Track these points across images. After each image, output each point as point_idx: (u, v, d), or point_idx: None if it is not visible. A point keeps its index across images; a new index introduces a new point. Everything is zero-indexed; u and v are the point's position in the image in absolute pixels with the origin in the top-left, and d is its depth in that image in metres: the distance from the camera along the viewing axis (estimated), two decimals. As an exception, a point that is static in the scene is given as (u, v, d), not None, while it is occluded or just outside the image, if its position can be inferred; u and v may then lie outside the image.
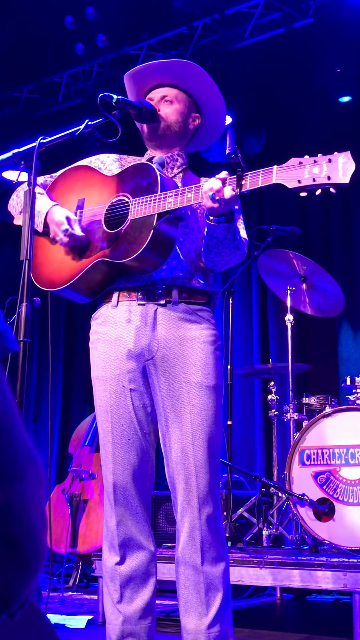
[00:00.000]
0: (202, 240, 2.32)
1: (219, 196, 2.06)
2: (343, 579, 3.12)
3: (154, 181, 2.20)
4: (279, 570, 3.30)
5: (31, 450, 0.74)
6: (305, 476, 3.74)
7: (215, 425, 2.22)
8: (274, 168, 2.00)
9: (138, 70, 2.44)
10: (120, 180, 2.32)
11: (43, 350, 7.12)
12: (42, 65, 5.85)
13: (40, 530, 0.73)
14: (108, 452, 2.26)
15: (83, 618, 3.62)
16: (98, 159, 2.48)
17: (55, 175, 2.51)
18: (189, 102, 2.45)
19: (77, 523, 4.82)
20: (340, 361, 5.67)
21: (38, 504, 0.74)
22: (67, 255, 2.34)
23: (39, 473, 0.74)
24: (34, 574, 0.73)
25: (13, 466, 0.71)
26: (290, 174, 1.97)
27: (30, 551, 0.71)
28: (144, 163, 2.30)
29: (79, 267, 2.30)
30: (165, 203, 2.14)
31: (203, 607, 2.14)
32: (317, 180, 1.95)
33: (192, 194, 2.12)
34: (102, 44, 5.40)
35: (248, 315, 6.21)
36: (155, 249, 2.18)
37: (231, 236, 2.20)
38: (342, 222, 5.90)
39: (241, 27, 5.26)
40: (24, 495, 0.71)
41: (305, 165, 1.97)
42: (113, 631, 2.23)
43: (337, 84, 5.18)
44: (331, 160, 1.95)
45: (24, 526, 0.71)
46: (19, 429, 0.72)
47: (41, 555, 0.73)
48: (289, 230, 4.21)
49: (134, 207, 2.21)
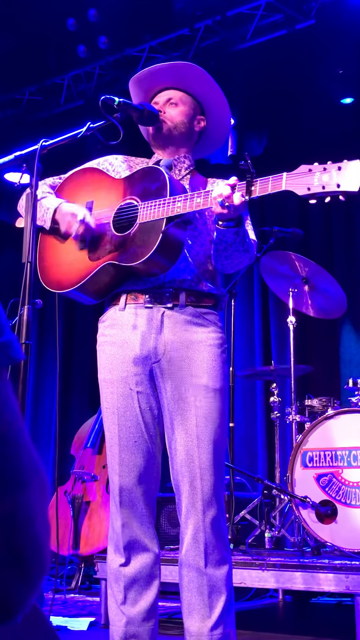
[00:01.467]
0: (210, 243, 2.33)
1: (229, 202, 2.06)
2: (345, 582, 3.11)
3: (163, 185, 2.20)
4: (281, 573, 3.30)
5: (36, 460, 0.74)
6: (308, 478, 3.74)
7: (220, 428, 2.23)
8: (284, 175, 2.00)
9: (143, 75, 2.45)
10: (129, 184, 2.32)
11: (42, 352, 7.11)
12: (44, 67, 5.86)
13: (44, 540, 0.73)
14: (114, 454, 2.26)
15: (85, 620, 3.61)
16: (106, 161, 2.49)
17: (64, 177, 2.52)
18: (194, 104, 2.46)
19: (79, 525, 4.82)
20: (343, 363, 5.67)
21: (42, 514, 0.73)
22: (75, 257, 2.35)
23: (44, 483, 0.74)
24: (37, 584, 0.73)
25: (18, 476, 0.70)
26: (300, 181, 1.98)
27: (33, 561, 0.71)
28: (153, 167, 2.30)
29: (87, 270, 2.30)
30: (175, 207, 2.15)
31: (206, 609, 2.14)
32: (327, 188, 1.95)
33: (201, 199, 2.13)
34: (104, 46, 5.41)
35: (250, 316, 6.21)
36: (163, 253, 2.18)
37: (240, 240, 2.21)
38: (344, 223, 5.89)
39: (243, 29, 5.27)
40: (28, 505, 0.71)
41: (315, 172, 1.97)
42: (116, 632, 2.23)
43: (339, 85, 5.19)
44: (341, 168, 1.95)
45: (28, 536, 0.71)
46: (24, 439, 0.72)
47: (45, 566, 0.73)
48: (291, 232, 4.21)
49: (142, 210, 2.21)
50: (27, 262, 2.03)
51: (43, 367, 7.08)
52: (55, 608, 4.00)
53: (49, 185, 2.49)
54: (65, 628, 3.49)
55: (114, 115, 2.23)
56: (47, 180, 2.49)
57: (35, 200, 2.10)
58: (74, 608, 4.11)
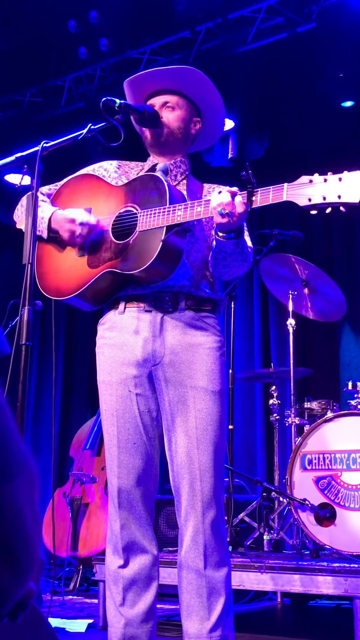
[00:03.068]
0: (207, 250, 2.33)
1: (229, 209, 2.06)
2: (344, 584, 3.11)
3: (162, 193, 2.20)
4: (279, 575, 3.29)
5: (24, 452, 0.74)
6: (307, 481, 3.74)
7: (220, 430, 2.23)
8: (285, 186, 2.01)
9: (138, 77, 2.44)
10: (128, 191, 2.32)
11: (43, 353, 7.11)
12: (45, 68, 5.86)
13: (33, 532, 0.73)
14: (113, 456, 2.26)
15: (83, 622, 3.61)
16: (101, 167, 2.48)
17: (60, 184, 2.51)
18: (190, 107, 2.46)
19: (77, 527, 4.82)
20: (342, 366, 5.67)
21: (31, 506, 0.74)
22: (74, 264, 2.34)
23: (32, 475, 0.75)
24: (26, 575, 0.73)
25: (5, 467, 0.71)
26: (301, 192, 1.98)
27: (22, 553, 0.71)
28: (152, 174, 2.29)
29: (87, 277, 2.30)
30: (175, 216, 2.15)
31: (205, 611, 2.14)
32: (328, 199, 1.95)
33: (201, 208, 2.13)
34: (105, 48, 5.41)
35: (250, 319, 6.21)
36: (164, 261, 2.18)
37: (239, 250, 2.21)
38: (344, 226, 5.90)
39: (244, 32, 5.28)
40: (16, 497, 0.71)
41: (316, 183, 1.98)
42: (115, 634, 2.23)
43: (339, 88, 5.18)
44: (341, 179, 1.95)
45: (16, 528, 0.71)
46: (11, 431, 0.73)
47: (34, 557, 0.73)
48: (291, 235, 4.21)
49: (142, 218, 2.21)
50: (27, 263, 2.03)
51: (44, 369, 7.08)
52: (54, 610, 4.00)
53: (44, 194, 2.47)
54: (63, 630, 3.48)
55: (114, 117, 2.23)
56: (42, 188, 2.48)
57: (37, 201, 2.10)
58: (72, 610, 4.11)
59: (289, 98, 5.46)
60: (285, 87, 5.38)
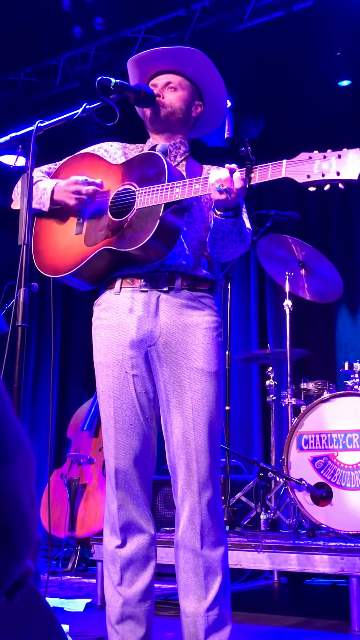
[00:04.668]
0: (205, 231, 2.32)
1: (227, 185, 2.05)
2: (340, 563, 3.14)
3: (162, 171, 2.19)
4: (276, 554, 3.32)
5: (21, 433, 0.74)
6: (303, 461, 3.76)
7: (216, 411, 2.23)
8: (284, 162, 2.00)
9: (142, 56, 2.42)
10: (126, 169, 2.31)
11: (41, 335, 7.12)
12: (39, 48, 5.80)
13: (30, 513, 0.73)
14: (110, 437, 2.27)
15: (82, 602, 3.64)
16: (102, 148, 2.47)
17: (59, 164, 2.50)
18: (193, 89, 2.44)
19: (75, 507, 4.85)
20: (338, 346, 5.68)
21: (28, 488, 0.74)
22: (71, 242, 2.34)
23: (29, 456, 0.75)
24: (24, 556, 0.73)
25: (2, 449, 0.71)
26: (300, 169, 1.97)
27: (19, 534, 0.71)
28: (151, 153, 2.28)
29: (83, 255, 2.30)
30: (173, 194, 2.14)
31: (202, 590, 2.16)
32: (326, 176, 1.94)
33: (200, 185, 2.12)
34: (99, 27, 5.35)
35: (246, 300, 6.21)
36: (161, 239, 2.17)
37: (238, 230, 2.20)
38: (341, 207, 5.88)
39: (240, 10, 5.22)
40: (13, 478, 0.71)
41: (315, 160, 1.96)
42: (112, 613, 2.24)
43: (336, 67, 5.15)
44: (340, 156, 1.94)
45: (13, 509, 0.71)
46: (8, 413, 0.72)
47: (31, 538, 0.74)
48: (287, 216, 4.20)
49: (140, 196, 2.20)
50: (23, 244, 2.02)
51: (41, 350, 7.09)
52: (52, 590, 4.03)
53: (44, 172, 2.47)
54: (61, 609, 3.51)
55: (110, 97, 2.21)
56: (42, 167, 2.47)
57: (32, 181, 2.09)
58: (71, 590, 4.14)
59: (285, 77, 5.42)
60: (282, 66, 5.34)
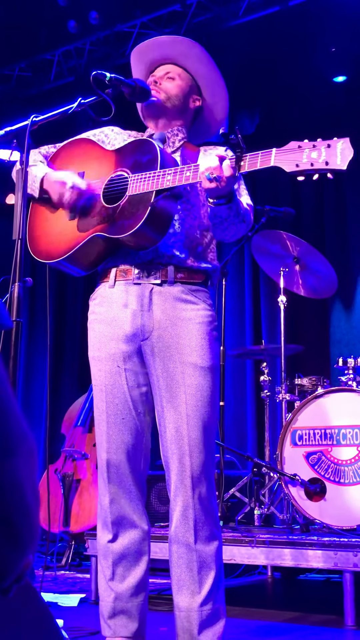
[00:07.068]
0: (204, 216, 2.33)
1: (216, 174, 2.05)
2: (334, 558, 3.15)
3: (154, 157, 2.20)
4: (270, 550, 3.33)
5: (24, 427, 0.74)
6: (297, 456, 3.76)
7: (210, 406, 2.22)
8: (273, 151, 2.00)
9: (145, 45, 2.46)
10: (120, 155, 2.32)
11: (33, 330, 7.10)
12: (34, 43, 5.78)
13: (33, 506, 0.73)
14: (102, 431, 2.27)
15: (76, 596, 3.64)
16: (102, 132, 2.48)
17: (59, 146, 2.51)
18: (192, 82, 2.46)
19: (69, 503, 4.85)
20: (333, 342, 5.69)
21: (31, 481, 0.74)
22: (64, 227, 2.34)
23: (32, 450, 0.75)
24: (27, 549, 0.73)
25: (6, 442, 0.71)
26: (289, 158, 1.97)
27: (23, 526, 0.72)
28: (145, 139, 2.30)
29: (76, 240, 2.30)
30: (164, 180, 2.14)
31: (196, 585, 2.16)
32: (315, 165, 1.94)
33: (190, 173, 2.13)
34: (94, 22, 5.34)
35: (241, 296, 6.21)
36: (152, 226, 2.18)
37: (234, 213, 2.20)
38: (335, 203, 5.88)
39: (235, 5, 5.21)
40: (16, 472, 0.71)
41: (304, 149, 1.97)
42: (105, 608, 2.24)
43: (331, 63, 5.15)
44: (330, 145, 1.94)
45: (17, 502, 0.71)
46: (11, 406, 0.72)
47: (34, 531, 0.74)
48: (282, 211, 4.20)
49: (132, 183, 2.21)
50: (17, 239, 2.02)
51: (34, 345, 7.07)
52: (46, 585, 4.03)
53: (42, 154, 2.48)
54: (55, 604, 3.51)
55: (105, 91, 2.21)
56: (41, 148, 2.49)
57: (26, 177, 2.09)
58: (65, 585, 4.14)
59: (280, 73, 5.41)
60: (277, 61, 5.33)
